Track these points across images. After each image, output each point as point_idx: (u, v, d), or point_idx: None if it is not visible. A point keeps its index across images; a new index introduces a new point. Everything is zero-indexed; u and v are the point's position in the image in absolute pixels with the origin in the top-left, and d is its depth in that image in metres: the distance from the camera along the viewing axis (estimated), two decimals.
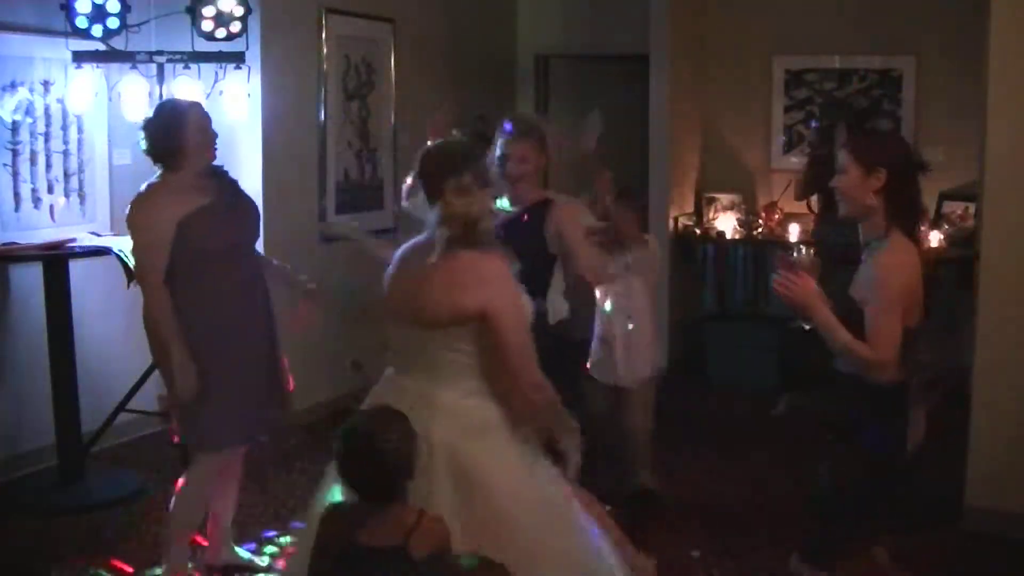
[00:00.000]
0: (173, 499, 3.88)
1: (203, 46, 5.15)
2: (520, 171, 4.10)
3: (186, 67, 5.12)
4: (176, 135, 3.71)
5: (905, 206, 3.19)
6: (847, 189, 3.21)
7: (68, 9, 4.87)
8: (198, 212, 3.70)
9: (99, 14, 4.91)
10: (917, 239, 3.25)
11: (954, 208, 6.67)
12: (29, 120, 5.13)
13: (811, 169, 6.33)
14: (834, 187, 3.27)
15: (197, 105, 3.97)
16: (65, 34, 4.98)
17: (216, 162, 3.89)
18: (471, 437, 2.86)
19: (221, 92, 5.20)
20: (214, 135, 3.84)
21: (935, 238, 6.54)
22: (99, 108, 5.33)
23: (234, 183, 3.97)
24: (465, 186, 2.91)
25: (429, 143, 3.25)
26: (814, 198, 6.41)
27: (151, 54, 5.07)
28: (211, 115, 3.89)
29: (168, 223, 3.66)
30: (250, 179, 5.40)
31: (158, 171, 3.81)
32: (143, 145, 3.79)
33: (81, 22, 4.88)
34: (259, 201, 4.63)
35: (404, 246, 3.08)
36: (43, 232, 5.15)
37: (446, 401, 2.89)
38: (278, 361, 4.02)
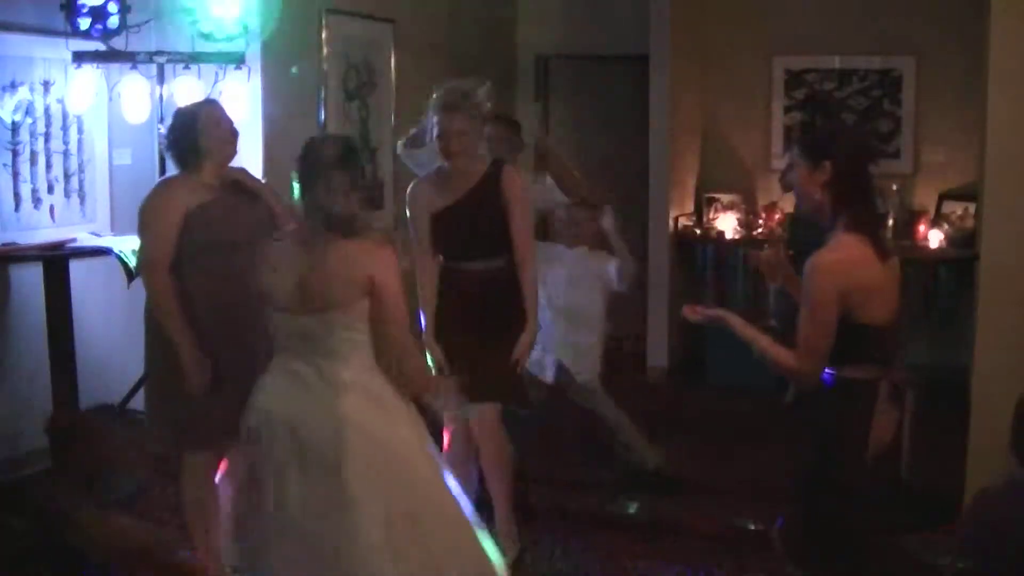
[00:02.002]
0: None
1: (203, 46, 5.15)
2: (461, 145, 4.10)
3: (186, 67, 5.12)
4: (189, 136, 3.80)
5: (853, 200, 3.05)
6: (796, 184, 3.15)
7: (68, 9, 4.87)
8: (204, 205, 3.78)
9: (99, 14, 4.92)
10: (873, 233, 3.09)
11: (954, 208, 6.67)
12: (29, 120, 5.13)
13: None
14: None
15: (211, 104, 4.04)
16: (65, 34, 4.98)
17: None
18: (373, 405, 3.17)
19: (221, 92, 5.19)
20: (230, 133, 3.91)
21: (935, 238, 6.55)
22: (99, 108, 5.32)
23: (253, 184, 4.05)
24: (335, 187, 3.14)
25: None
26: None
27: (151, 54, 5.08)
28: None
29: (176, 213, 3.74)
30: None
31: (171, 173, 3.91)
32: (167, 152, 3.91)
33: (82, 23, 4.88)
34: None
35: (276, 244, 3.31)
36: (43, 232, 5.15)
37: (347, 377, 3.15)
38: None
